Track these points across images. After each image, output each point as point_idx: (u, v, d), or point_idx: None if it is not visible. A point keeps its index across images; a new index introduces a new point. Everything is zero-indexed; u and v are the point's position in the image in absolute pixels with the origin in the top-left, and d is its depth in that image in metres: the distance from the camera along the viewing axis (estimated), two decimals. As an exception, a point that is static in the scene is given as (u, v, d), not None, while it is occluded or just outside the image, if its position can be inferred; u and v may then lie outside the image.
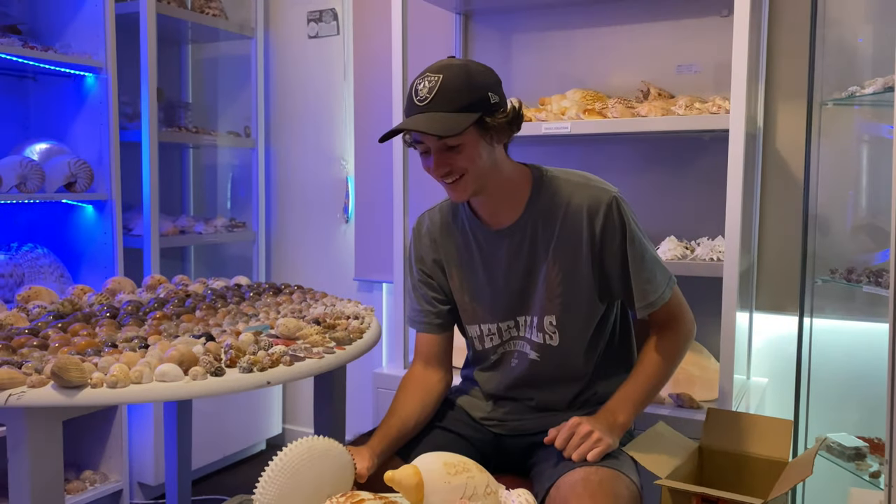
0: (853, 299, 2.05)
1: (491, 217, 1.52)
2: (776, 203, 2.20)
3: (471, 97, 1.36)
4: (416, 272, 1.63)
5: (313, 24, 2.99)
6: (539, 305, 1.50)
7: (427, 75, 1.37)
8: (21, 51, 2.25)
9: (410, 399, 1.54)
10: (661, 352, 1.50)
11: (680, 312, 1.53)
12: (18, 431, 1.16)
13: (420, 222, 1.64)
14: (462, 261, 1.57)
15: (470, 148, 1.38)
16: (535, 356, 1.53)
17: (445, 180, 1.42)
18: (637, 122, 2.00)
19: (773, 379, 2.25)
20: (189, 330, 1.46)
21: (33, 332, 1.41)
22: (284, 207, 3.14)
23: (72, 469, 2.49)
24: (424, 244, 1.62)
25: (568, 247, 1.47)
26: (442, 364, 1.61)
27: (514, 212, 1.50)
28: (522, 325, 1.54)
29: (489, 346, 1.57)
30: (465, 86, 1.36)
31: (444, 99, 1.34)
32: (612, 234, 1.45)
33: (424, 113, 1.35)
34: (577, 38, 2.42)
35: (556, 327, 1.50)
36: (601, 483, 1.28)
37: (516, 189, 1.49)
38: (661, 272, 1.49)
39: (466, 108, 1.35)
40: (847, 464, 1.85)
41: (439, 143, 1.37)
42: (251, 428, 3.02)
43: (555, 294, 1.49)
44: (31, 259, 2.38)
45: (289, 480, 1.18)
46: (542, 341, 1.51)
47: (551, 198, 1.49)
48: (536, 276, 1.50)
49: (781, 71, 2.17)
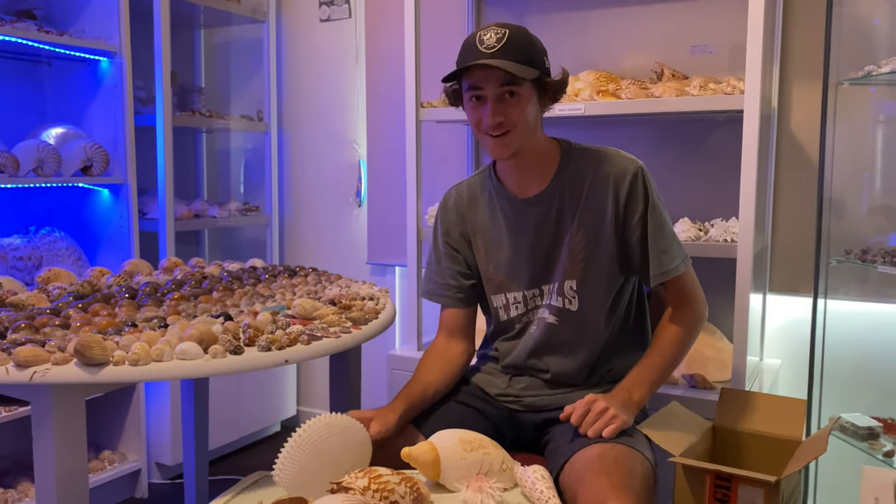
0: (867, 280, 2.05)
1: (518, 186, 1.56)
2: (790, 184, 2.19)
3: (533, 54, 1.44)
4: (443, 245, 1.66)
5: (325, 7, 2.99)
6: (562, 270, 1.53)
7: (492, 28, 1.44)
8: (36, 35, 2.26)
9: (433, 367, 1.58)
10: (674, 333, 1.52)
11: (693, 291, 1.55)
12: (43, 408, 1.18)
13: (447, 197, 1.68)
14: (489, 232, 1.60)
15: (525, 102, 1.44)
16: (553, 320, 1.55)
17: (494, 133, 1.45)
18: (651, 102, 1.99)
19: (787, 360, 2.26)
20: (207, 310, 1.48)
21: (55, 312, 1.43)
22: (297, 191, 3.15)
23: (91, 449, 2.53)
24: (451, 218, 1.65)
25: (593, 214, 1.51)
26: (465, 336, 1.65)
27: (542, 181, 1.54)
28: (546, 293, 1.57)
29: (514, 315, 1.60)
30: (529, 43, 1.45)
31: (511, 49, 1.41)
32: (635, 203, 1.49)
33: (492, 58, 1.40)
34: (590, 20, 2.40)
35: (576, 292, 1.53)
36: (616, 459, 1.30)
37: (546, 158, 1.55)
38: (677, 246, 1.53)
39: (530, 63, 1.42)
40: (860, 443, 1.86)
41: (499, 90, 1.42)
42: (266, 409, 3.05)
43: (577, 259, 1.52)
44: (49, 242, 2.41)
45: (307, 456, 1.20)
46: (561, 305, 1.54)
47: (579, 168, 1.53)
48: (561, 244, 1.54)
49: (796, 51, 2.15)
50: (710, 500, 1.36)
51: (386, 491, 1.13)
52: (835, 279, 2.04)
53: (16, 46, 2.33)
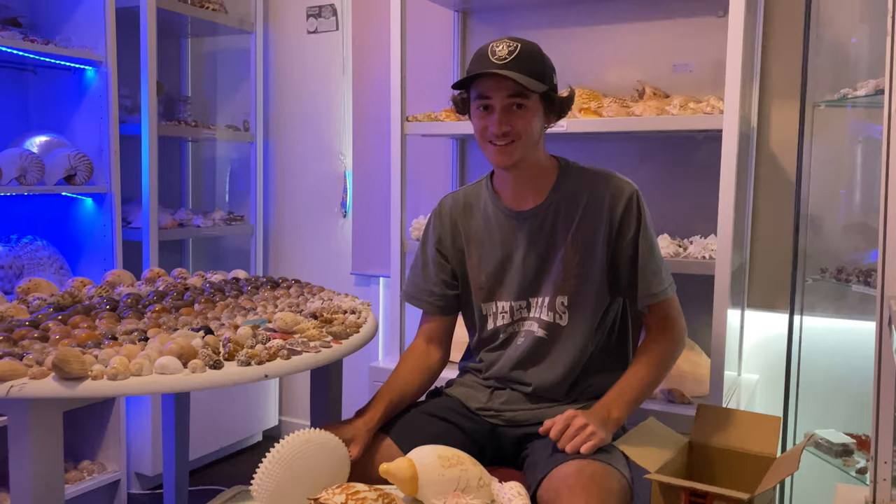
0: (843, 298, 2.08)
1: (514, 199, 1.59)
2: (769, 202, 2.22)
3: (543, 69, 1.49)
4: (433, 252, 1.67)
5: (312, 19, 3.00)
6: (553, 285, 1.56)
7: (504, 40, 1.48)
8: (21, 44, 2.26)
9: (413, 373, 1.61)
10: (654, 354, 1.55)
11: (675, 318, 1.59)
12: (20, 422, 1.18)
13: (442, 203, 1.70)
14: (482, 240, 1.63)
15: (531, 114, 1.48)
16: (542, 334, 1.57)
17: (499, 141, 1.48)
18: (632, 121, 2.02)
19: (764, 375, 2.28)
20: (188, 323, 1.48)
21: (34, 324, 1.43)
22: (283, 201, 3.16)
23: (70, 459, 2.51)
24: (445, 224, 1.67)
25: (588, 232, 1.54)
26: (442, 344, 1.68)
27: (539, 196, 1.57)
28: (533, 307, 1.59)
29: (500, 325, 1.62)
30: (540, 58, 1.50)
31: (523, 62, 1.45)
32: (628, 225, 1.53)
33: (503, 70, 1.43)
34: (574, 37, 2.43)
35: (566, 307, 1.56)
36: (592, 476, 1.31)
37: (544, 173, 1.58)
38: (665, 271, 1.58)
39: (539, 77, 1.46)
40: (835, 460, 1.88)
41: (508, 100, 1.46)
42: (248, 419, 3.05)
43: (570, 275, 1.55)
44: (31, 251, 2.40)
45: (285, 472, 1.21)
46: (551, 320, 1.57)
47: (575, 186, 1.57)
48: (552, 259, 1.56)
49: (775, 71, 2.19)
50: (685, 517, 1.38)
51: (363, 507, 1.14)
52: (811, 296, 2.07)
53: (0, 55, 2.33)
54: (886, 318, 1.41)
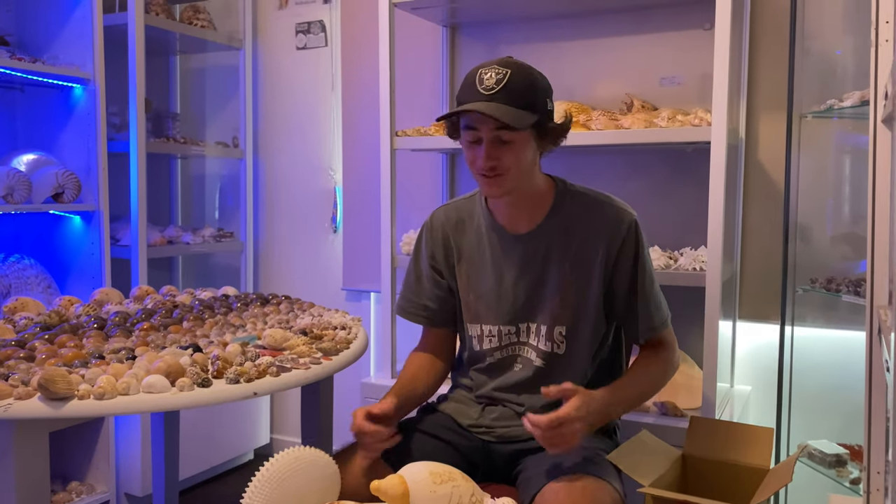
0: (834, 308, 2.09)
1: (509, 221, 1.56)
2: (758, 213, 2.23)
3: (533, 98, 1.40)
4: (427, 268, 1.65)
5: (301, 35, 3.01)
6: (550, 315, 1.53)
7: (494, 66, 1.40)
8: (9, 62, 2.25)
9: (419, 369, 1.61)
10: (651, 368, 1.53)
11: (671, 342, 1.57)
12: (4, 443, 1.16)
13: (434, 217, 1.66)
14: (474, 259, 1.60)
15: (520, 147, 1.42)
16: (540, 363, 1.55)
17: (488, 174, 1.44)
18: (620, 134, 2.03)
19: (757, 387, 2.28)
20: (176, 341, 1.47)
21: (20, 343, 1.41)
22: (272, 217, 3.15)
23: (58, 480, 2.48)
24: (437, 239, 1.64)
25: (584, 260, 1.51)
26: (443, 353, 1.68)
27: (534, 220, 1.53)
28: (524, 332, 1.56)
29: (487, 348, 1.59)
30: (530, 86, 1.41)
31: (510, 93, 1.38)
32: (626, 255, 1.50)
33: (489, 102, 1.37)
34: (562, 51, 2.45)
35: (564, 337, 1.53)
36: (584, 490, 1.30)
37: (540, 198, 1.54)
38: (664, 302, 1.56)
39: (529, 108, 1.39)
40: (828, 470, 1.88)
41: (494, 134, 1.40)
42: (239, 438, 3.02)
43: (568, 304, 1.52)
44: (18, 270, 2.38)
45: (275, 490, 1.19)
46: (549, 350, 1.54)
47: (572, 211, 1.53)
48: (547, 285, 1.53)
49: (763, 84, 2.20)
50: (679, 530, 1.37)
51: (354, 525, 1.13)
52: (801, 306, 2.08)
53: (-12, 73, 2.33)
54: (876, 328, 1.41)
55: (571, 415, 1.32)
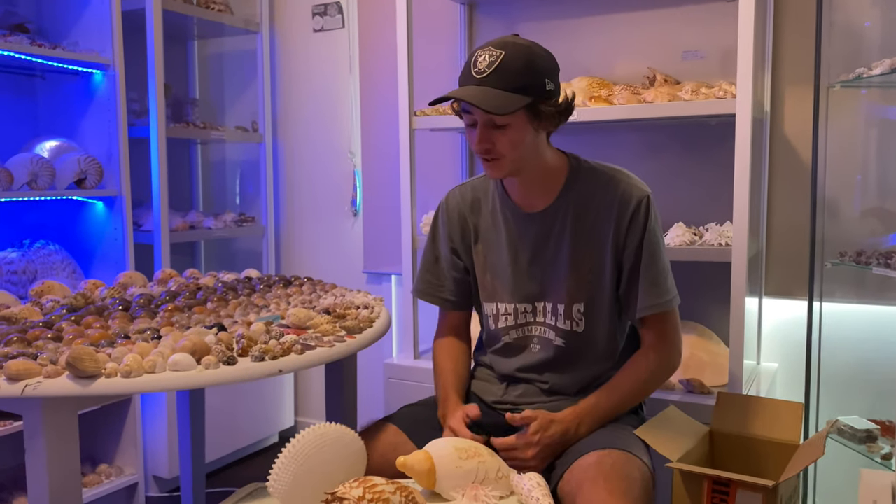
0: (863, 283, 2.05)
1: (523, 200, 1.54)
2: (784, 187, 2.19)
3: (528, 80, 1.36)
4: (444, 249, 1.65)
5: (318, 17, 2.99)
6: (566, 293, 1.51)
7: (489, 48, 1.38)
8: (29, 49, 2.26)
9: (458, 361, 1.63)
10: (643, 373, 1.50)
11: (672, 336, 1.52)
12: (35, 421, 1.17)
13: (449, 197, 1.66)
14: (490, 239, 1.59)
15: (515, 130, 1.39)
16: (560, 342, 1.54)
17: (485, 157, 1.43)
18: (643, 108, 2.00)
19: (784, 364, 2.25)
20: (201, 321, 1.47)
21: (47, 325, 1.42)
22: (293, 201, 3.15)
23: (87, 463, 2.51)
24: (453, 220, 1.63)
25: (598, 238, 1.49)
26: (464, 333, 1.69)
27: (548, 197, 1.52)
28: (540, 311, 1.55)
29: (502, 327, 1.59)
30: (525, 68, 1.36)
31: (501, 76, 1.35)
32: (636, 230, 1.47)
33: (480, 86, 1.35)
34: (581, 27, 2.41)
35: (583, 314, 1.51)
36: (613, 466, 1.29)
37: (553, 175, 1.52)
38: (670, 284, 1.51)
39: (521, 90, 1.36)
40: (858, 446, 1.85)
41: (487, 118, 1.38)
42: (263, 421, 3.04)
43: (584, 281, 1.50)
44: (44, 255, 2.41)
45: (301, 467, 1.20)
46: (568, 328, 1.52)
47: (586, 187, 1.51)
48: (562, 263, 1.51)
49: (788, 55, 2.16)
50: (708, 506, 1.36)
51: (381, 500, 1.13)
52: (830, 282, 2.04)
53: (9, 60, 2.34)
54: (909, 300, 1.38)
55: (519, 443, 1.39)
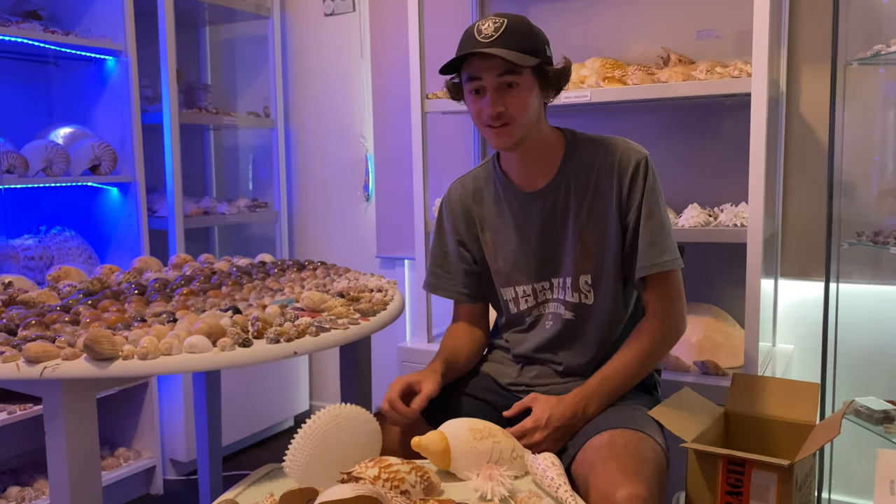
0: (880, 264, 2.03)
1: (524, 179, 1.54)
2: (800, 167, 2.17)
3: (533, 43, 1.42)
4: (452, 242, 1.65)
5: (329, 1, 2.98)
6: (573, 265, 1.51)
7: (490, 17, 1.42)
8: (42, 35, 2.27)
9: (459, 339, 1.62)
10: (647, 341, 1.48)
11: (674, 301, 1.49)
12: (54, 403, 1.19)
13: (451, 190, 1.66)
14: (496, 225, 1.59)
15: (525, 91, 1.42)
16: (570, 315, 1.54)
17: (494, 123, 1.43)
18: (657, 87, 1.98)
19: (799, 345, 2.24)
20: (216, 304, 1.48)
21: (65, 308, 1.44)
22: (306, 186, 3.16)
23: (106, 447, 2.55)
24: (457, 213, 1.63)
25: (600, 206, 1.49)
26: (480, 323, 1.68)
27: (548, 173, 1.52)
28: (556, 287, 1.55)
29: (524, 308, 1.58)
30: (528, 32, 1.43)
31: (509, 38, 1.39)
32: (636, 191, 1.47)
33: (491, 48, 1.38)
34: (595, 7, 2.39)
35: (591, 286, 1.51)
36: (627, 446, 1.29)
37: (551, 150, 1.52)
38: (670, 242, 1.48)
39: (530, 52, 1.40)
40: (875, 427, 1.84)
41: (498, 80, 1.40)
42: (279, 405, 3.06)
43: (590, 253, 1.50)
44: (60, 241, 2.43)
45: (317, 447, 1.20)
46: (577, 300, 1.52)
47: (584, 159, 1.51)
48: (569, 237, 1.52)
49: (804, 32, 2.13)
50: (723, 486, 1.36)
51: (396, 480, 1.13)
52: (846, 262, 2.02)
53: (22, 47, 2.35)
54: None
55: (528, 426, 1.40)
